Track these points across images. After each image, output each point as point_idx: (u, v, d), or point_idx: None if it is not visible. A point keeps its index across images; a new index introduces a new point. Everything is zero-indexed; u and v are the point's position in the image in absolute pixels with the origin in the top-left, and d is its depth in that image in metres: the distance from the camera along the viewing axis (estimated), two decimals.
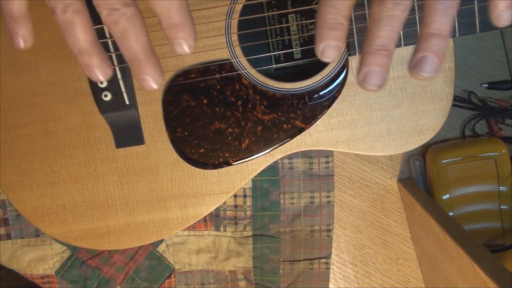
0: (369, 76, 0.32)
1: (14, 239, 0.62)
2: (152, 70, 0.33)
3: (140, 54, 0.32)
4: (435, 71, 0.32)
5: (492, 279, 0.37)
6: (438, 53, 0.32)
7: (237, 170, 0.51)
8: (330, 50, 0.32)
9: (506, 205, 0.58)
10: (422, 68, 0.32)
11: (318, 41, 0.32)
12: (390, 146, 0.50)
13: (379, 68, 0.32)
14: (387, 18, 0.31)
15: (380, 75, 0.32)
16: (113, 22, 0.31)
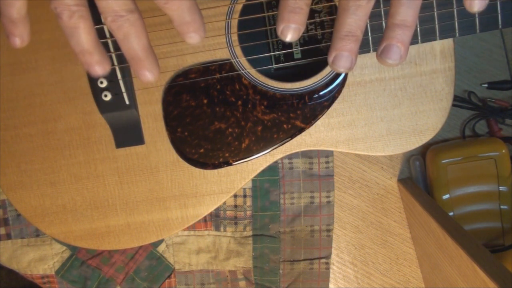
0: (337, 59, 0.36)
1: (14, 239, 0.62)
2: (150, 66, 0.36)
3: (141, 54, 0.35)
4: (400, 59, 0.36)
5: (492, 279, 0.37)
6: (403, 42, 0.35)
7: (237, 170, 0.51)
8: (289, 31, 0.35)
9: (506, 205, 0.58)
10: (388, 55, 0.36)
11: (278, 22, 0.35)
12: (390, 146, 0.50)
13: (347, 52, 0.35)
14: (353, 7, 0.34)
15: (347, 58, 0.36)
16: (117, 27, 0.33)
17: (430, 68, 0.49)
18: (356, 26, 0.35)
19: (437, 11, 0.45)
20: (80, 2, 0.32)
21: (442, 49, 0.48)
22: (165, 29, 0.47)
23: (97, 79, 0.48)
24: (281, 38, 0.36)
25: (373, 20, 0.46)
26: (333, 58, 0.36)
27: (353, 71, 0.49)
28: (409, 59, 0.48)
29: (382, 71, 0.49)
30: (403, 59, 0.36)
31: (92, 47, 0.34)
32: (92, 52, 0.34)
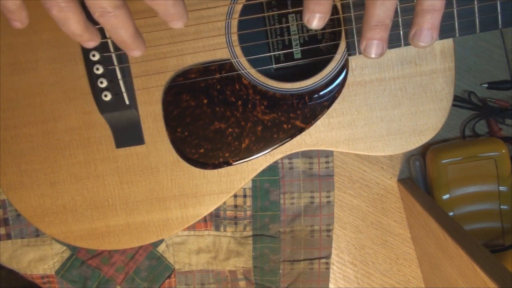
0: (369, 46, 0.38)
1: (14, 239, 0.62)
2: (137, 46, 0.39)
3: (128, 40, 0.38)
4: (432, 40, 0.38)
5: (492, 279, 0.37)
6: (433, 25, 0.37)
7: (237, 170, 0.51)
8: (314, 20, 0.37)
9: (506, 205, 0.58)
10: (421, 39, 0.38)
11: (304, 12, 0.37)
12: (390, 146, 0.50)
13: (378, 41, 0.38)
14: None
15: (379, 45, 0.38)
16: (105, 21, 0.36)
17: (430, 68, 0.49)
18: (385, 16, 0.37)
19: None
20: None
21: (442, 49, 0.48)
22: (165, 29, 0.47)
23: (97, 79, 0.48)
24: (307, 25, 0.38)
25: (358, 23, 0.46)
26: (364, 46, 0.38)
27: (353, 71, 0.49)
28: (409, 59, 0.49)
29: (382, 71, 0.49)
30: (434, 41, 0.38)
31: (82, 31, 0.37)
32: (82, 34, 0.38)
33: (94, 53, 0.47)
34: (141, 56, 0.48)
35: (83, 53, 0.47)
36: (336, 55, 0.48)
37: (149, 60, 0.48)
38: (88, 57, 0.47)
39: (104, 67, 0.47)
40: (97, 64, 0.47)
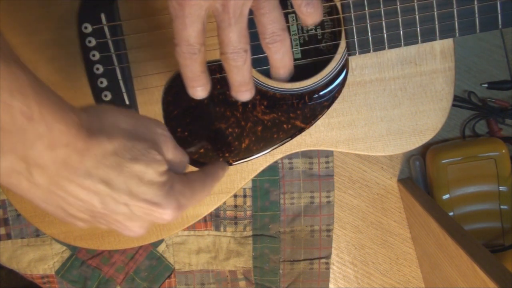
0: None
1: (14, 239, 0.62)
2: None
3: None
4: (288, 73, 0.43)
5: (492, 279, 0.37)
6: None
7: (237, 170, 0.51)
8: (198, 92, 0.41)
9: (506, 205, 0.58)
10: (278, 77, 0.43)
11: (187, 88, 0.42)
12: (390, 146, 0.50)
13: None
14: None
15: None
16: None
17: (430, 68, 0.49)
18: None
19: (437, 11, 0.45)
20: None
21: (442, 49, 0.48)
22: (165, 29, 0.47)
23: (97, 79, 0.48)
24: (194, 97, 0.42)
25: (358, 23, 0.46)
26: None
27: (353, 71, 0.49)
28: (409, 59, 0.49)
29: (382, 71, 0.49)
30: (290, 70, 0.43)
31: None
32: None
33: (94, 53, 0.47)
34: (141, 56, 0.48)
35: (83, 53, 0.47)
36: (336, 55, 0.48)
37: (149, 60, 0.48)
38: (88, 57, 0.47)
39: (104, 67, 0.47)
40: (97, 64, 0.47)
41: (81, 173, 0.32)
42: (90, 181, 0.32)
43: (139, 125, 0.36)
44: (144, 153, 0.34)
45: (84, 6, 0.46)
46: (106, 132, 0.33)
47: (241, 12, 0.36)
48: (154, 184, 0.34)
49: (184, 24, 0.36)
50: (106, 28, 0.46)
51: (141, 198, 0.34)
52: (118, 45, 0.47)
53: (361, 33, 0.46)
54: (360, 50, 0.47)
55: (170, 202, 0.35)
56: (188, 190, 0.38)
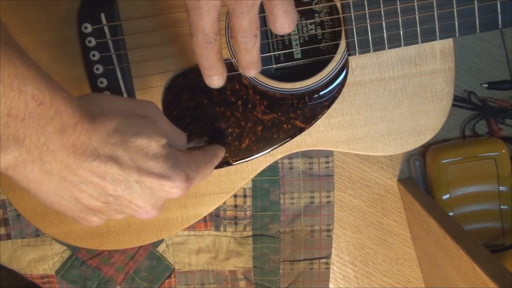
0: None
1: (14, 239, 0.62)
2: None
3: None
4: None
5: (492, 279, 0.37)
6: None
7: (237, 170, 0.51)
8: (214, 81, 0.42)
9: (506, 205, 0.58)
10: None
11: (204, 77, 0.42)
12: (390, 146, 0.50)
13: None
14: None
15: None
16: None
17: (430, 68, 0.49)
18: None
19: (437, 11, 0.45)
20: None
21: (442, 49, 0.48)
22: (165, 29, 0.47)
23: (97, 79, 0.48)
24: (210, 86, 0.43)
25: (358, 23, 0.46)
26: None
27: (353, 71, 0.49)
28: (409, 59, 0.49)
29: (382, 71, 0.49)
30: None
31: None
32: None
33: (94, 53, 0.47)
34: (141, 56, 0.48)
35: (83, 53, 0.47)
36: (336, 55, 0.48)
37: (149, 60, 0.48)
38: (88, 57, 0.47)
39: (104, 67, 0.47)
40: (97, 64, 0.47)
41: (89, 154, 0.32)
42: (99, 161, 0.33)
43: (133, 105, 0.37)
44: (144, 127, 0.35)
45: (84, 6, 0.46)
46: (105, 113, 0.34)
47: (253, 2, 0.37)
48: (159, 157, 0.35)
49: (200, 15, 0.37)
50: (106, 28, 0.46)
51: (150, 172, 0.34)
52: (118, 45, 0.47)
53: (361, 33, 0.46)
54: (360, 50, 0.47)
55: (178, 173, 0.36)
56: (193, 163, 0.38)
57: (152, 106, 0.38)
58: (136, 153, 0.34)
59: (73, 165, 0.32)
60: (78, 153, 0.32)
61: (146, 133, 0.35)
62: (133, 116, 0.35)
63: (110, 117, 0.34)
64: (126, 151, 0.34)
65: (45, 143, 0.30)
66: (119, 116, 0.34)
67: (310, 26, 0.52)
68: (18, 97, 0.28)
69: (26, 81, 0.29)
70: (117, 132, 0.34)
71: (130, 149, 0.34)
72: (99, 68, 0.47)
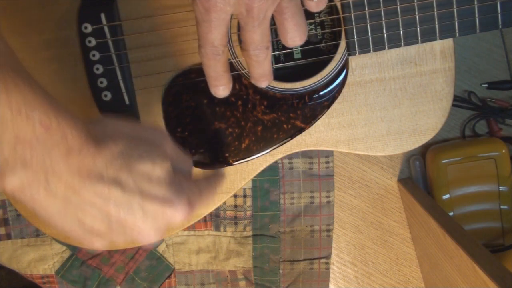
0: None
1: (14, 239, 0.62)
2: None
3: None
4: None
5: (492, 279, 0.37)
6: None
7: (237, 170, 0.51)
8: (220, 91, 0.43)
9: (506, 205, 0.58)
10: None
11: (210, 87, 0.43)
12: (390, 146, 0.50)
13: None
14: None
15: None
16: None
17: (430, 68, 0.49)
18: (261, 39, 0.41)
19: (437, 11, 0.45)
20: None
21: (442, 49, 0.48)
22: (165, 29, 0.47)
23: (97, 79, 0.48)
24: (216, 95, 0.44)
25: (358, 23, 0.46)
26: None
27: (353, 71, 0.49)
28: (409, 59, 0.49)
29: (382, 71, 0.49)
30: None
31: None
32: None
33: (94, 53, 0.47)
34: (141, 56, 0.48)
35: (83, 53, 0.47)
36: (336, 55, 0.48)
37: (149, 60, 0.48)
38: (88, 57, 0.47)
39: (104, 67, 0.47)
40: (97, 64, 0.47)
41: (93, 176, 0.33)
42: (103, 185, 0.33)
43: (138, 129, 0.37)
44: (148, 151, 0.35)
45: (84, 6, 0.46)
46: (110, 137, 0.34)
47: (264, 16, 0.37)
48: (163, 182, 0.35)
49: (210, 28, 0.37)
50: (106, 28, 0.46)
51: (153, 196, 0.35)
52: (118, 45, 0.47)
53: (361, 33, 0.46)
54: (360, 50, 0.47)
55: (181, 199, 0.36)
56: (196, 188, 0.39)
57: (158, 131, 0.39)
58: (140, 177, 0.34)
59: (77, 186, 0.32)
60: (83, 176, 0.32)
61: (150, 157, 0.35)
62: (137, 140, 0.36)
63: (115, 141, 0.34)
64: (130, 175, 0.34)
65: (50, 165, 0.31)
66: (124, 140, 0.35)
67: (310, 26, 0.52)
68: (26, 122, 0.29)
69: (34, 107, 0.29)
70: (122, 156, 0.34)
71: (134, 173, 0.34)
72: (99, 68, 0.47)
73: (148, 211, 0.35)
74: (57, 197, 0.32)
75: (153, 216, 0.35)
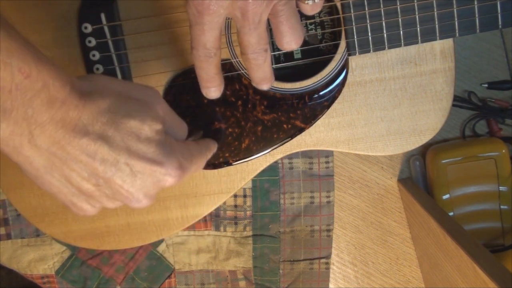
0: None
1: (14, 239, 0.62)
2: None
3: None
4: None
5: (492, 279, 0.37)
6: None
7: (237, 170, 0.51)
8: (211, 92, 0.42)
9: (506, 205, 0.58)
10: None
11: (201, 88, 0.43)
12: (390, 146, 0.50)
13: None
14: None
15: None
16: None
17: (430, 68, 0.49)
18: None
19: (437, 11, 0.45)
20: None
21: (442, 49, 0.48)
22: (165, 29, 0.47)
23: None
24: (207, 97, 0.43)
25: (358, 23, 0.46)
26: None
27: (353, 71, 0.49)
28: (409, 59, 0.49)
29: (382, 71, 0.49)
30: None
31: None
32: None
33: (94, 53, 0.47)
34: (141, 56, 0.48)
35: (83, 53, 0.47)
36: (336, 55, 0.48)
37: (149, 60, 0.48)
38: (88, 57, 0.47)
39: (104, 67, 0.47)
40: (97, 64, 0.47)
41: (79, 130, 0.32)
42: (88, 139, 0.32)
43: (129, 87, 0.36)
44: (138, 109, 0.35)
45: (84, 6, 0.46)
46: (99, 92, 0.34)
47: (260, 19, 0.37)
48: (152, 141, 0.35)
49: (203, 30, 0.37)
50: (106, 28, 0.46)
51: (141, 155, 0.34)
52: (118, 45, 0.47)
53: (361, 33, 0.46)
54: (360, 50, 0.47)
55: (171, 161, 0.35)
56: (187, 153, 0.38)
57: (151, 91, 0.38)
58: (128, 135, 0.34)
59: (62, 140, 0.32)
60: (67, 129, 0.32)
61: (140, 116, 0.34)
62: (127, 98, 0.35)
63: (102, 96, 0.33)
64: (117, 131, 0.33)
65: (32, 115, 0.30)
66: (113, 96, 0.34)
67: (310, 26, 0.52)
68: (3, 69, 0.28)
69: (11, 53, 0.28)
70: (109, 112, 0.33)
71: (122, 130, 0.33)
72: (99, 68, 0.47)
73: (136, 171, 0.34)
74: (42, 150, 0.32)
75: (141, 177, 0.34)
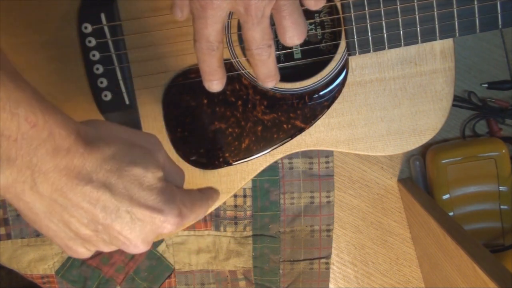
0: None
1: (14, 239, 0.62)
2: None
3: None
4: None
5: (492, 279, 0.37)
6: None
7: (237, 170, 0.51)
8: (214, 85, 0.42)
9: (506, 205, 0.58)
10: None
11: (204, 81, 0.43)
12: (390, 146, 0.50)
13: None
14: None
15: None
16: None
17: (430, 68, 0.49)
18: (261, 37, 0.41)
19: (437, 11, 0.45)
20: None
21: (442, 49, 0.48)
22: (165, 29, 0.47)
23: (97, 79, 0.48)
24: (210, 90, 0.43)
25: (358, 23, 0.46)
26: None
27: (353, 71, 0.49)
28: (409, 59, 0.49)
29: (382, 71, 0.49)
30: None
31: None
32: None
33: (94, 53, 0.47)
34: (141, 56, 0.48)
35: (83, 53, 0.47)
36: (336, 55, 0.48)
37: (149, 60, 0.48)
38: (88, 57, 0.47)
39: (104, 67, 0.47)
40: (97, 64, 0.47)
41: (82, 178, 0.32)
42: (91, 186, 0.32)
43: (133, 135, 0.37)
44: (141, 157, 0.35)
45: (84, 6, 0.46)
46: (103, 139, 0.34)
47: (263, 14, 0.37)
48: (154, 189, 0.34)
49: (206, 24, 0.37)
50: (106, 28, 0.46)
51: (142, 203, 0.34)
52: (118, 45, 0.47)
53: (361, 33, 0.46)
54: (360, 50, 0.47)
55: (171, 208, 0.35)
56: (188, 200, 0.38)
57: (153, 139, 0.38)
58: (131, 183, 0.34)
59: (64, 187, 0.32)
60: (71, 176, 0.32)
61: (143, 164, 0.34)
62: (131, 145, 0.35)
63: (107, 144, 0.34)
64: (120, 179, 0.33)
65: (37, 164, 0.30)
66: (117, 144, 0.34)
67: (310, 26, 0.52)
68: (10, 119, 0.29)
69: (19, 103, 0.29)
70: (113, 159, 0.33)
71: (125, 177, 0.33)
72: (99, 68, 0.47)
73: (136, 218, 0.34)
74: (43, 197, 0.32)
75: (141, 224, 0.34)
